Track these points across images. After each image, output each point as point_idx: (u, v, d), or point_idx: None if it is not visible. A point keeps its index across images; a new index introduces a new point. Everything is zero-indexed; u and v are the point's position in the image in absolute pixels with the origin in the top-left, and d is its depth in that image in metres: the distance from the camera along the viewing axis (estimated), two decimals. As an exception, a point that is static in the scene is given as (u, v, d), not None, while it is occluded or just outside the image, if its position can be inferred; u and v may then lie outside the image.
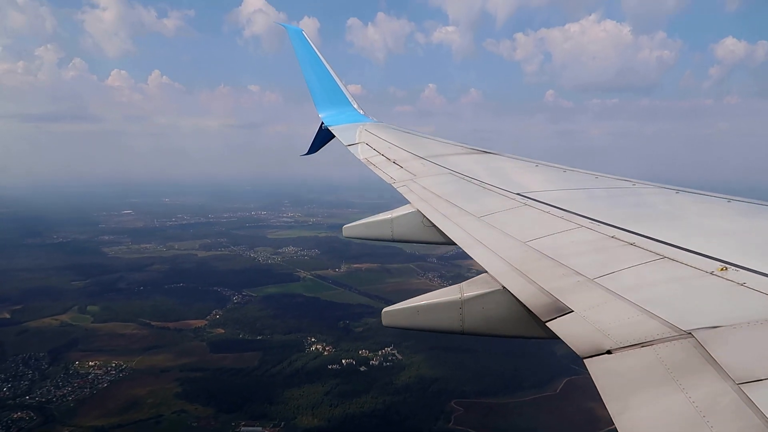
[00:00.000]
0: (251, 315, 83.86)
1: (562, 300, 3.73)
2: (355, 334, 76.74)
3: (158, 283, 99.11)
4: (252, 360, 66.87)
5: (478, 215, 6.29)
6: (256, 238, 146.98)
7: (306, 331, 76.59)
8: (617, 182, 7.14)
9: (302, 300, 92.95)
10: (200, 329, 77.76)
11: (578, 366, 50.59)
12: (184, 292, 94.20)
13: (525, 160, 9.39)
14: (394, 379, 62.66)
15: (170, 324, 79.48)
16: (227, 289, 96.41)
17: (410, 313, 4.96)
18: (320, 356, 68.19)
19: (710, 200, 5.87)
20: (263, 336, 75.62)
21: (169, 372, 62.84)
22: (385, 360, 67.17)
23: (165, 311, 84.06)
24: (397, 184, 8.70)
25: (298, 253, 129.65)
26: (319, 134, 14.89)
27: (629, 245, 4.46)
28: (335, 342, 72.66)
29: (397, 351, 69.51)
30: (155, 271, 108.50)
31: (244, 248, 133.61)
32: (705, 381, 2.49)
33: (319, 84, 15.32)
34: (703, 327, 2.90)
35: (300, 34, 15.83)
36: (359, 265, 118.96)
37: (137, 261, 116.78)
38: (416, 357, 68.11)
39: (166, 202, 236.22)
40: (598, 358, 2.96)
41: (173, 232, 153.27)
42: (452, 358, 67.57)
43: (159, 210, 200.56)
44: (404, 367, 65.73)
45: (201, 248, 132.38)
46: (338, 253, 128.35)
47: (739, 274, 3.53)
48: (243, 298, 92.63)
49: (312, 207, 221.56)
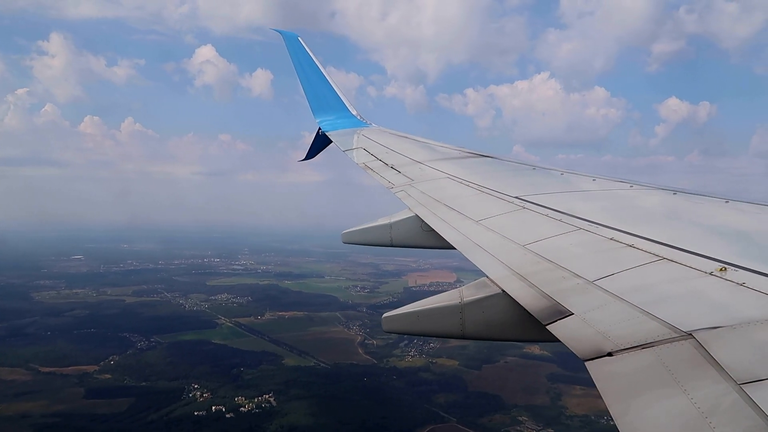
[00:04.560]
0: (147, 361, 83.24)
1: (561, 303, 3.71)
2: (244, 381, 76.29)
3: (69, 329, 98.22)
4: (121, 406, 66.23)
5: (476, 219, 6.27)
6: (195, 285, 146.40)
7: (193, 378, 76.04)
8: (615, 184, 7.11)
9: (209, 347, 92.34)
10: (87, 375, 76.95)
11: (449, 413, 52.23)
12: (90, 338, 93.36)
13: (522, 163, 9.50)
14: (259, 426, 62.15)
15: (61, 369, 78.58)
16: (137, 335, 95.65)
17: (411, 319, 4.94)
18: (192, 403, 67.62)
19: (708, 201, 5.82)
20: (148, 382, 74.95)
21: (28, 418, 61.97)
22: (258, 407, 66.69)
23: (60, 357, 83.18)
24: (395, 189, 8.66)
25: (229, 300, 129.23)
26: (317, 140, 14.73)
27: (628, 247, 4.44)
28: (216, 389, 72.20)
29: (275, 398, 69.16)
30: (72, 317, 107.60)
31: (177, 295, 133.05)
32: (706, 382, 2.48)
33: (316, 89, 15.19)
34: (704, 328, 2.89)
35: (296, 40, 15.74)
36: (284, 312, 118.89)
37: (59, 306, 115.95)
38: (291, 404, 67.79)
39: (123, 247, 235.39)
40: (599, 360, 2.95)
41: (113, 278, 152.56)
42: (327, 406, 67.32)
43: (111, 256, 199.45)
44: (274, 414, 65.30)
45: (133, 294, 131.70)
46: (270, 301, 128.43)
47: (739, 275, 3.50)
48: (148, 344, 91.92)
49: (269, 255, 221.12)
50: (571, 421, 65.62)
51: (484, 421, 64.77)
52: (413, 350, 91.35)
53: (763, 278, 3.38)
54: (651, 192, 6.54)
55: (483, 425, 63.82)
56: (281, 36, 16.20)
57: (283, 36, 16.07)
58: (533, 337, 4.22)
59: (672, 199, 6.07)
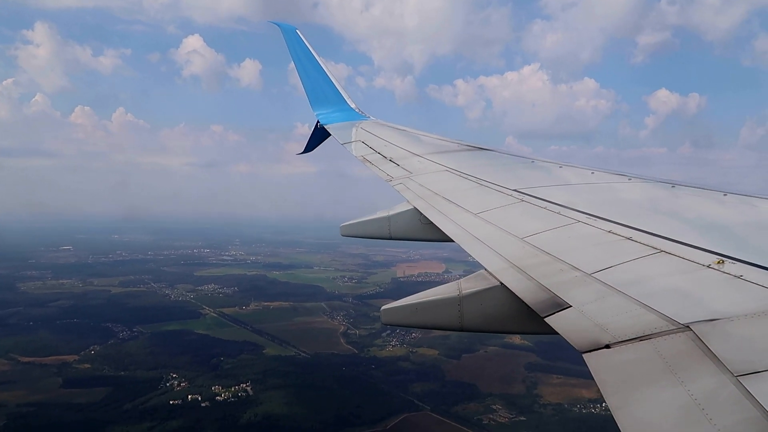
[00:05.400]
0: (128, 351, 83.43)
1: (560, 295, 3.73)
2: (223, 370, 76.64)
3: (52, 319, 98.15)
4: (98, 395, 66.48)
5: (475, 212, 6.26)
6: (182, 275, 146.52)
7: (172, 368, 76.31)
8: (614, 177, 7.12)
9: (191, 337, 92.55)
10: (67, 364, 77.12)
11: (424, 401, 52.64)
12: (72, 328, 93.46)
13: (521, 156, 9.49)
14: (232, 415, 62.48)
15: (41, 359, 78.72)
16: (120, 326, 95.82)
17: (409, 311, 4.95)
18: (169, 392, 67.90)
19: (706, 194, 5.82)
20: (127, 372, 75.19)
21: (3, 408, 62.03)
22: (234, 396, 67.04)
23: (41, 347, 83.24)
24: (394, 181, 8.64)
25: (215, 291, 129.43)
26: (315, 133, 14.63)
27: (626, 240, 4.45)
28: (194, 378, 72.49)
29: (252, 387, 69.50)
30: (56, 307, 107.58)
31: (164, 285, 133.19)
32: (704, 374, 2.49)
33: (314, 82, 15.05)
34: (701, 320, 2.90)
35: (294, 33, 15.63)
36: (270, 303, 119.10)
37: (44, 296, 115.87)
38: (268, 394, 68.16)
39: (114, 238, 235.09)
40: (596, 352, 2.96)
41: (101, 269, 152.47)
42: (303, 395, 67.70)
43: (100, 247, 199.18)
44: (250, 403, 65.65)
45: (119, 285, 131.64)
46: (257, 292, 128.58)
47: (736, 267, 3.51)
48: (130, 335, 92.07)
49: (260, 246, 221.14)
50: (544, 409, 66.15)
51: (457, 410, 65.29)
52: (395, 340, 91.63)
53: (761, 271, 3.39)
54: (649, 185, 6.55)
55: (456, 413, 64.31)
56: (279, 28, 15.99)
57: (281, 28, 15.94)
58: (531, 329, 4.21)
59: (670, 193, 6.09)
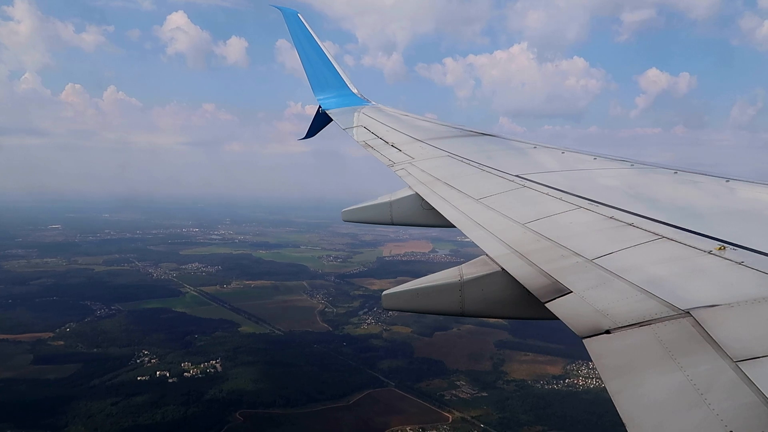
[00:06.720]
0: (103, 328, 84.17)
1: (561, 281, 3.74)
2: (195, 347, 77.47)
3: (31, 297, 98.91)
4: (68, 371, 67.31)
5: (476, 198, 6.26)
6: (167, 254, 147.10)
7: (145, 345, 77.15)
8: (615, 163, 7.09)
9: (168, 315, 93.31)
10: (41, 341, 77.87)
11: (389, 378, 53.17)
12: (51, 306, 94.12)
13: (523, 141, 9.43)
14: (197, 391, 63.29)
15: (16, 336, 79.52)
16: (98, 303, 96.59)
17: (410, 296, 4.97)
18: (138, 368, 68.74)
19: (708, 180, 5.82)
20: (99, 349, 75.98)
21: (-29, 383, 63.04)
22: (202, 372, 67.90)
23: (16, 324, 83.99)
24: (396, 167, 8.64)
25: (198, 270, 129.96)
26: (317, 118, 14.65)
27: (628, 225, 4.46)
28: (164, 355, 73.31)
29: (221, 364, 70.34)
30: (37, 285, 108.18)
31: (148, 264, 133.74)
32: (703, 359, 2.51)
33: (316, 67, 15.00)
34: (701, 306, 2.92)
35: (296, 17, 15.56)
36: (251, 281, 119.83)
37: (27, 274, 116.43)
38: (236, 370, 69.02)
39: (104, 217, 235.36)
40: (597, 338, 2.98)
41: (87, 248, 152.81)
42: (271, 372, 68.62)
43: (90, 225, 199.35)
44: (217, 379, 66.53)
45: (104, 263, 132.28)
46: (240, 270, 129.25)
47: (737, 253, 3.53)
48: (108, 312, 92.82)
49: (250, 225, 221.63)
50: (507, 385, 67.09)
51: (422, 386, 66.21)
52: (370, 318, 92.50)
53: (762, 257, 3.41)
54: (651, 171, 6.55)
55: (419, 389, 65.25)
56: (281, 12, 15.89)
57: (282, 12, 15.84)
58: (532, 314, 4.23)
59: (672, 178, 6.07)
